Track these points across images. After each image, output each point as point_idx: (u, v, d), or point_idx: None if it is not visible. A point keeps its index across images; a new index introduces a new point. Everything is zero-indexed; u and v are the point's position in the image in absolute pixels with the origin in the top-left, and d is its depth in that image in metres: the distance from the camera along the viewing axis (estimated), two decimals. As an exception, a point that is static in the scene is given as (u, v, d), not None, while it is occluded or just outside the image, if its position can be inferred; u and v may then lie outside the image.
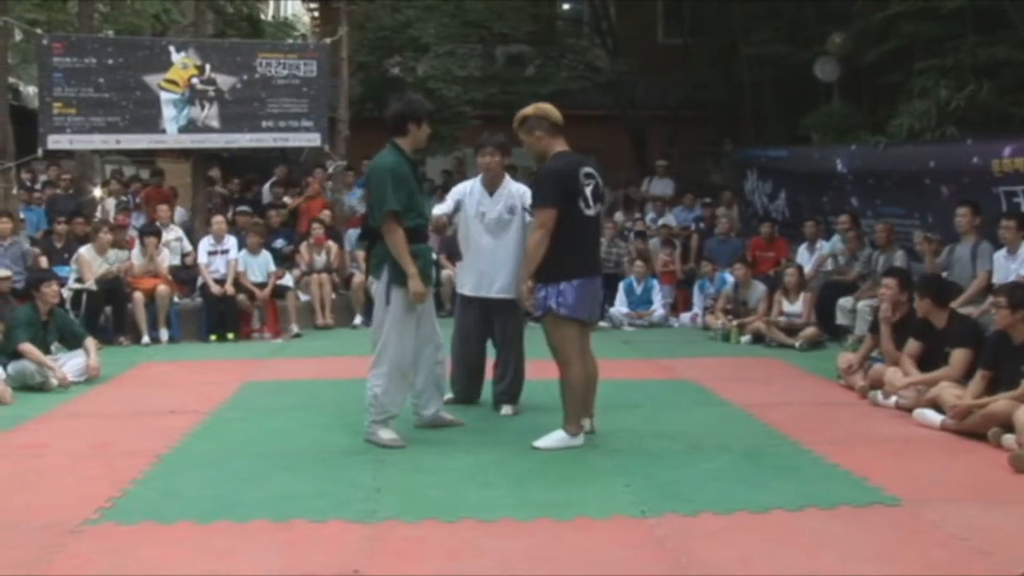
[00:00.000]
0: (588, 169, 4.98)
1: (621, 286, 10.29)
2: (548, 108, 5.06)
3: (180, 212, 11.34)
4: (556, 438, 5.06)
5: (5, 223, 9.05)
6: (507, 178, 5.85)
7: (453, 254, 10.63)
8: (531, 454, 4.97)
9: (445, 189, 13.21)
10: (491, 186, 5.79)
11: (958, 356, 5.80)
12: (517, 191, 5.79)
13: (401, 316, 5.01)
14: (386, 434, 5.08)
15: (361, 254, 10.32)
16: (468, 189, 5.92)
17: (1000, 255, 7.17)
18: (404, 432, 5.21)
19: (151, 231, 9.65)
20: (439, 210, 5.88)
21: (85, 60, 9.93)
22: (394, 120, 5.06)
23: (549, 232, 4.82)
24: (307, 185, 11.78)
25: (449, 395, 5.92)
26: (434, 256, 5.12)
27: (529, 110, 5.06)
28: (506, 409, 5.89)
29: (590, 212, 4.96)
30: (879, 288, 8.00)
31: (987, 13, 9.94)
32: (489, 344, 6.08)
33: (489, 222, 5.75)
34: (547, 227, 4.83)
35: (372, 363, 5.09)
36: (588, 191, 4.93)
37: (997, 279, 7.00)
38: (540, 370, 7.38)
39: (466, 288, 5.90)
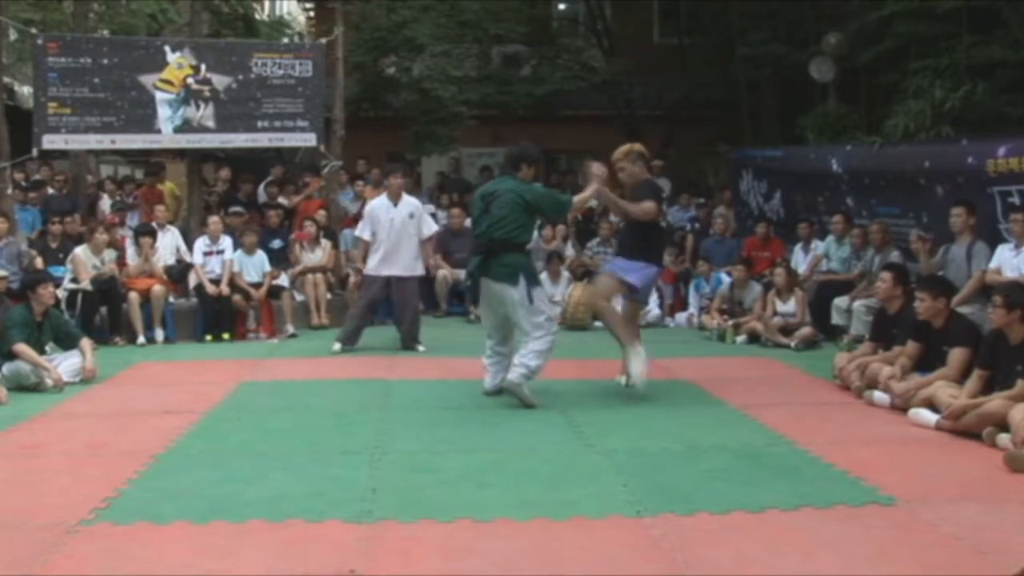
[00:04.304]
0: None
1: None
2: (642, 147, 6.65)
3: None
4: (636, 364, 6.19)
5: (0, 223, 9.03)
6: (404, 193, 8.45)
7: (448, 253, 10.68)
8: (527, 454, 4.97)
9: (440, 190, 13.29)
10: (396, 199, 8.36)
11: (956, 355, 5.80)
12: (413, 201, 8.52)
13: (545, 307, 6.27)
14: (529, 392, 6.06)
15: (356, 253, 10.33)
16: (378, 204, 8.44)
17: (1005, 249, 7.12)
18: (399, 424, 5.22)
19: (146, 231, 9.62)
20: (365, 236, 8.37)
21: (80, 60, 9.91)
22: (511, 160, 6.41)
23: (652, 216, 6.35)
24: (305, 185, 11.75)
25: (337, 346, 8.29)
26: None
27: (634, 147, 6.58)
28: (421, 348, 8.33)
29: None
30: (874, 288, 8.02)
31: (982, 13, 9.94)
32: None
33: (396, 223, 8.23)
34: (657, 213, 6.44)
35: (526, 344, 6.12)
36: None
37: (1001, 272, 6.95)
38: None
39: (373, 269, 8.32)
